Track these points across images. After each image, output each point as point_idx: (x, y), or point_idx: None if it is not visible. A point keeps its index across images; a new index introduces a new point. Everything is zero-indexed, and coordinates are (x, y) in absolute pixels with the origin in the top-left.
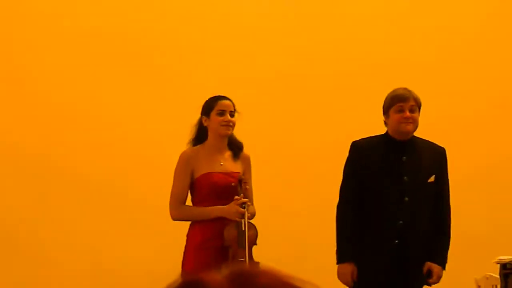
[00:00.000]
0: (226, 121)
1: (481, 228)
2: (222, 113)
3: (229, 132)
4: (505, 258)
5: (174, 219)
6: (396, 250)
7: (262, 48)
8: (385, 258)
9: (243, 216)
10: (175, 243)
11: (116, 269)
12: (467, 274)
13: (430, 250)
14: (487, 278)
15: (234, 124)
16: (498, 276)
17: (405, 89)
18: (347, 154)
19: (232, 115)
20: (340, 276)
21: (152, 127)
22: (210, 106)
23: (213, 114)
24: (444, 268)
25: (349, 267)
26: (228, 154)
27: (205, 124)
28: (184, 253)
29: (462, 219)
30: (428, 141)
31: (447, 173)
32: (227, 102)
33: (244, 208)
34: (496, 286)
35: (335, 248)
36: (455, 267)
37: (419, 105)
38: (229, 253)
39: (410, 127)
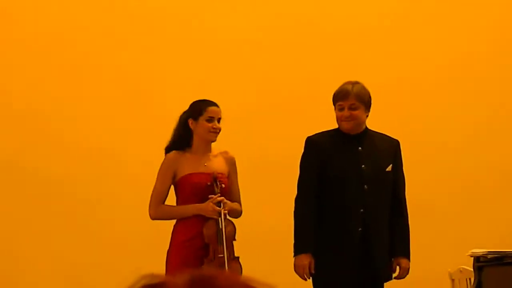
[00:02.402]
0: (214, 128)
1: (455, 221)
2: (211, 119)
3: (216, 138)
4: (479, 251)
5: (153, 218)
6: (360, 237)
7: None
8: (350, 246)
9: (219, 214)
10: (159, 242)
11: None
12: (440, 267)
13: (394, 244)
14: (460, 271)
15: (220, 130)
16: (471, 269)
17: (349, 84)
18: None
19: (219, 122)
20: (297, 268)
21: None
22: (199, 110)
23: (201, 119)
24: (409, 259)
25: (306, 258)
26: (212, 155)
27: (191, 127)
28: (168, 250)
29: (436, 212)
30: (382, 133)
31: (402, 165)
32: (216, 109)
33: (220, 206)
34: (469, 279)
35: None
36: (429, 260)
37: (362, 101)
38: (209, 250)
39: (348, 125)
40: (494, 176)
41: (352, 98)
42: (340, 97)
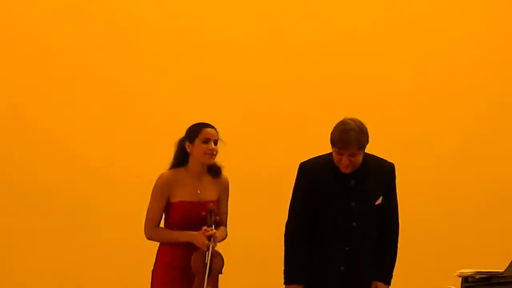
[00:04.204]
0: (210, 149)
1: (443, 242)
2: (206, 141)
3: (212, 160)
4: (467, 271)
5: (148, 239)
6: (342, 276)
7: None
8: (332, 283)
9: (208, 248)
10: (145, 261)
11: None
12: (429, 287)
13: (376, 268)
14: None
15: (217, 153)
16: None
17: (347, 130)
18: None
19: (215, 144)
20: None
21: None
22: (195, 133)
23: (197, 141)
24: (389, 284)
25: None
26: (207, 179)
27: (188, 149)
28: (153, 270)
29: (424, 232)
30: (376, 158)
31: (395, 189)
32: (212, 130)
33: (210, 240)
34: None
35: None
36: (418, 280)
37: (362, 147)
38: (195, 280)
39: (347, 170)
40: (482, 197)
41: (352, 148)
42: (339, 145)
